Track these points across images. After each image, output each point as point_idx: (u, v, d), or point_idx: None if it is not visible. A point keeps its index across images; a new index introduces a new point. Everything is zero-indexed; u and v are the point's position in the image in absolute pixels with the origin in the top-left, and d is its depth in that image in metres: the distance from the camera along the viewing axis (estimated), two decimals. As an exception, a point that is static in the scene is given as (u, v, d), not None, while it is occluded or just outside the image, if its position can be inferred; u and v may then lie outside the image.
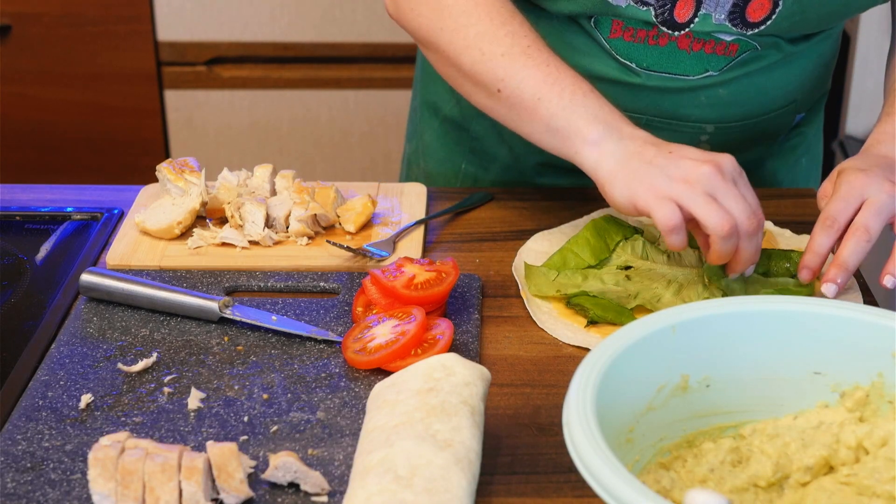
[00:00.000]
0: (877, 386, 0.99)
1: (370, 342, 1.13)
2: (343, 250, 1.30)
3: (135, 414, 1.07)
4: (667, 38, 1.35)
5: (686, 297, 1.23)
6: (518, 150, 1.52)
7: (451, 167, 1.58)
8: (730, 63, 1.37)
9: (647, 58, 1.38)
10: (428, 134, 1.60)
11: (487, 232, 1.39)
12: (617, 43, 1.37)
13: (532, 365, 1.15)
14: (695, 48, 1.36)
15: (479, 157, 1.56)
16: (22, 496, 0.97)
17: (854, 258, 1.18)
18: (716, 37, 1.35)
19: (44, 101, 2.75)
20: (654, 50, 1.37)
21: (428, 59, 1.36)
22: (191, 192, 1.35)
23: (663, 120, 1.42)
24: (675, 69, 1.38)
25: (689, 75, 1.38)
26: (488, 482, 0.99)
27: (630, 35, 1.36)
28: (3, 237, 1.38)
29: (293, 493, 0.97)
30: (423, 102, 1.61)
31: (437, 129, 1.59)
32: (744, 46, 1.37)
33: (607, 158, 1.19)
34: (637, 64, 1.38)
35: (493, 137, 1.54)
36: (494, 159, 1.55)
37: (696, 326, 0.99)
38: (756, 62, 1.39)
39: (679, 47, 1.36)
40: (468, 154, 1.56)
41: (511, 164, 1.54)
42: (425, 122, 1.61)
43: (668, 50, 1.37)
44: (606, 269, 1.27)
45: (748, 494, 0.94)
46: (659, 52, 1.37)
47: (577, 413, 0.87)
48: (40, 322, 1.21)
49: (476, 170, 1.57)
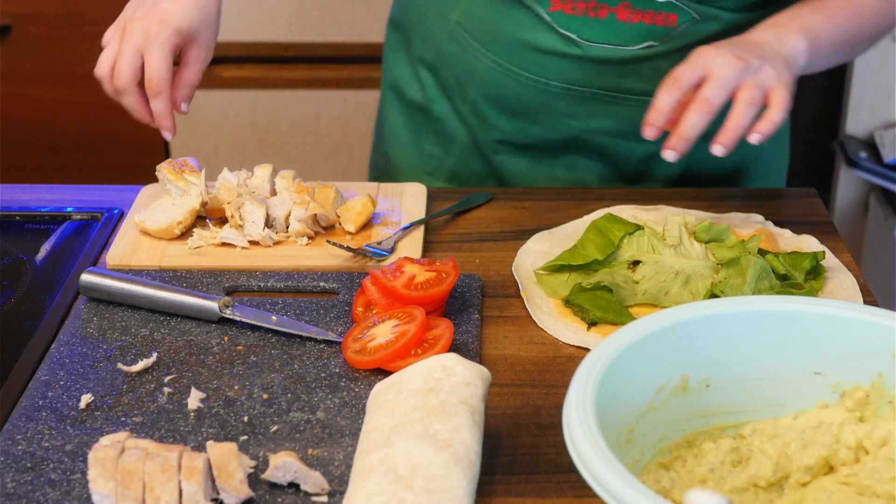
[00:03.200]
0: (877, 386, 0.99)
1: (370, 342, 1.13)
2: (343, 250, 1.30)
3: (135, 414, 1.07)
4: (606, 9, 1.39)
5: (693, 289, 1.23)
6: (476, 129, 1.55)
7: (415, 150, 1.60)
8: (670, 33, 1.40)
9: (587, 30, 1.41)
10: (393, 118, 1.63)
11: (487, 232, 1.39)
12: (558, 16, 1.41)
13: (532, 365, 1.15)
14: (634, 19, 1.40)
15: (441, 139, 1.59)
16: (22, 496, 0.97)
17: (694, 129, 1.23)
18: (653, 2, 1.38)
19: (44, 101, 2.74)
20: (595, 22, 1.40)
21: None
22: (191, 192, 1.35)
23: (608, 93, 1.45)
24: (616, 40, 1.41)
25: (630, 46, 1.41)
26: (488, 482, 0.99)
27: (570, 7, 1.40)
28: (3, 237, 1.38)
29: (293, 493, 0.97)
30: (389, 87, 1.63)
31: (402, 112, 1.62)
32: (682, 17, 1.39)
33: None
34: (578, 36, 1.42)
35: (453, 118, 1.57)
36: (455, 140, 1.58)
37: (696, 326, 0.99)
38: (696, 33, 1.41)
39: (619, 18, 1.40)
40: (431, 136, 1.59)
41: (470, 145, 1.57)
42: (391, 107, 1.63)
43: (608, 21, 1.40)
44: (615, 265, 1.27)
45: (748, 494, 0.94)
46: (599, 24, 1.40)
47: (577, 413, 0.87)
48: (40, 322, 1.21)
49: (439, 151, 1.59)
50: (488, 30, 1.47)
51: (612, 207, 1.40)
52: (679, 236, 1.28)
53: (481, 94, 1.51)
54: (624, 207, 1.40)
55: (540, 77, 1.46)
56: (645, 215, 1.38)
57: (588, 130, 1.49)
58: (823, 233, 1.37)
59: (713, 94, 1.22)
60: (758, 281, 1.22)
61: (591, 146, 1.51)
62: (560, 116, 1.48)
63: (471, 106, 1.53)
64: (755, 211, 1.42)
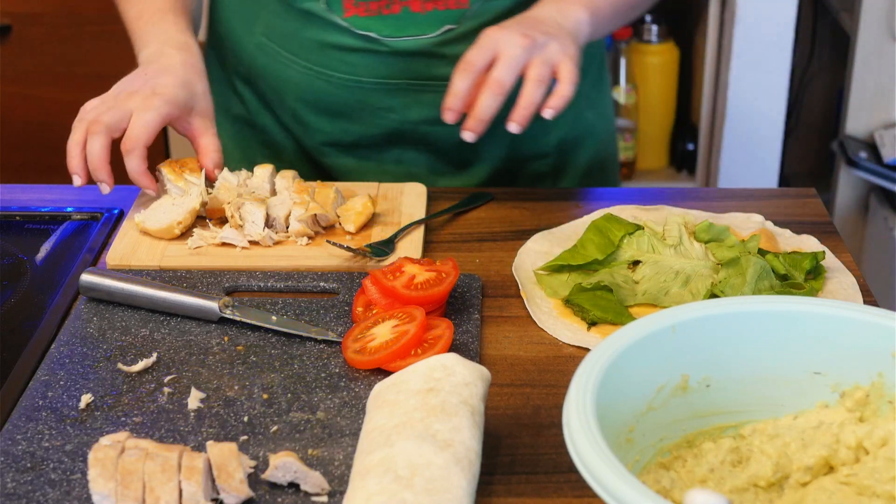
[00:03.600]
0: (877, 386, 0.99)
1: (370, 342, 1.13)
2: (343, 250, 1.30)
3: (135, 414, 1.07)
4: (398, 4, 1.42)
5: (693, 288, 1.23)
6: (299, 135, 1.58)
7: (248, 163, 1.60)
8: (465, 14, 1.44)
9: (385, 27, 1.44)
10: (222, 135, 1.63)
11: (487, 232, 1.39)
12: (354, 20, 1.44)
13: (532, 365, 1.15)
14: (427, 7, 1.43)
15: (270, 150, 1.61)
16: (22, 496, 0.97)
17: (488, 110, 1.27)
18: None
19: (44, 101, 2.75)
20: (391, 18, 1.44)
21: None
22: (191, 193, 1.35)
23: (419, 82, 1.48)
24: (415, 31, 1.45)
25: (430, 34, 1.45)
26: (488, 482, 0.99)
27: (364, 10, 1.43)
28: (3, 237, 1.38)
29: (293, 493, 0.97)
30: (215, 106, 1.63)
31: (229, 129, 1.63)
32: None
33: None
34: (378, 34, 1.45)
35: (276, 128, 1.59)
36: (283, 148, 1.60)
37: (696, 326, 0.99)
38: (490, 11, 1.45)
39: (412, 10, 1.43)
40: (260, 148, 1.61)
41: (298, 151, 1.60)
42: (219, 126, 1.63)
43: (404, 15, 1.43)
44: (615, 265, 1.27)
45: (748, 494, 0.94)
46: (395, 19, 1.44)
47: (577, 413, 0.87)
48: (40, 322, 1.21)
49: (270, 161, 1.58)
50: (293, 39, 1.50)
51: (612, 207, 1.40)
52: (679, 236, 1.29)
53: (299, 100, 1.54)
54: (624, 207, 1.40)
55: (351, 76, 1.49)
56: (645, 215, 1.38)
57: (407, 122, 1.52)
58: (823, 233, 1.37)
59: (503, 75, 1.26)
60: (758, 281, 1.22)
61: (413, 137, 1.53)
62: (378, 112, 1.51)
63: (291, 113, 1.56)
64: (755, 211, 1.42)
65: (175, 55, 1.39)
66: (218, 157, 1.39)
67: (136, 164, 1.33)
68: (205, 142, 1.39)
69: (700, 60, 2.93)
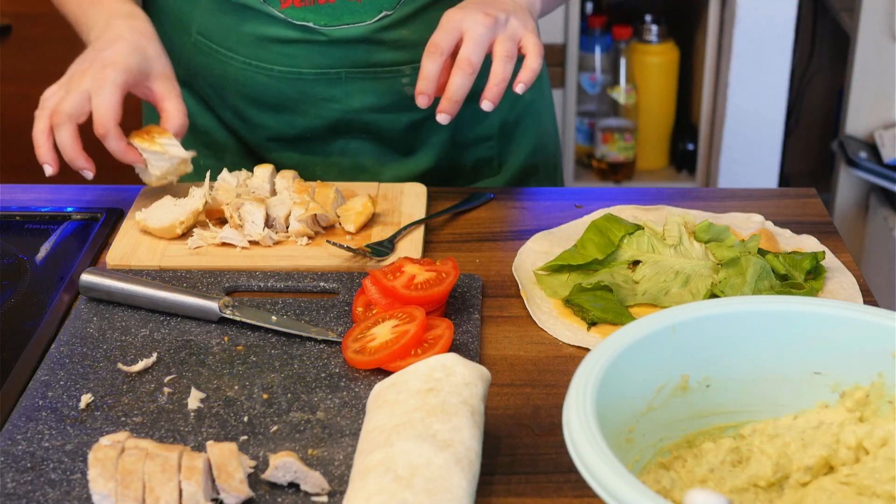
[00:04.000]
0: (877, 386, 0.99)
1: (370, 342, 1.13)
2: (343, 250, 1.30)
3: (135, 414, 1.07)
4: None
5: (693, 288, 1.23)
6: (242, 132, 1.57)
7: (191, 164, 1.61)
8: (398, 2, 1.45)
9: (322, 17, 1.44)
10: None
11: (487, 232, 1.39)
12: (290, 11, 1.45)
13: (532, 365, 1.15)
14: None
15: (212, 150, 1.60)
16: (22, 496, 0.97)
17: (460, 90, 1.29)
18: None
19: (44, 101, 2.74)
20: (326, 7, 1.44)
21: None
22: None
23: (359, 70, 1.48)
24: (352, 19, 1.45)
25: (367, 21, 1.45)
26: (488, 482, 0.99)
27: (300, 1, 1.43)
28: (3, 237, 1.38)
29: (293, 493, 0.97)
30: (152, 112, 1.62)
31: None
32: None
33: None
34: (315, 24, 1.45)
35: (217, 128, 1.59)
36: (225, 148, 1.60)
37: (696, 326, 0.99)
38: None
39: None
40: (202, 149, 1.60)
41: (241, 149, 1.59)
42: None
43: (339, 4, 1.44)
44: (615, 265, 1.27)
45: (748, 494, 0.94)
46: (331, 8, 1.44)
47: (577, 413, 0.87)
48: (40, 322, 1.21)
49: (213, 162, 1.60)
50: (230, 34, 1.49)
51: (612, 207, 1.40)
52: (679, 236, 1.29)
53: (240, 97, 1.53)
54: (624, 207, 1.40)
55: (291, 68, 1.49)
56: (645, 215, 1.38)
57: (350, 111, 1.52)
58: (823, 233, 1.38)
59: (472, 54, 1.28)
60: (758, 281, 1.22)
61: (357, 126, 1.54)
62: (320, 102, 1.51)
63: (232, 111, 1.55)
64: (755, 211, 1.42)
65: (121, 24, 1.38)
66: (182, 121, 1.36)
67: (114, 144, 1.32)
68: (168, 105, 1.36)
69: (700, 60, 2.93)
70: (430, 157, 1.57)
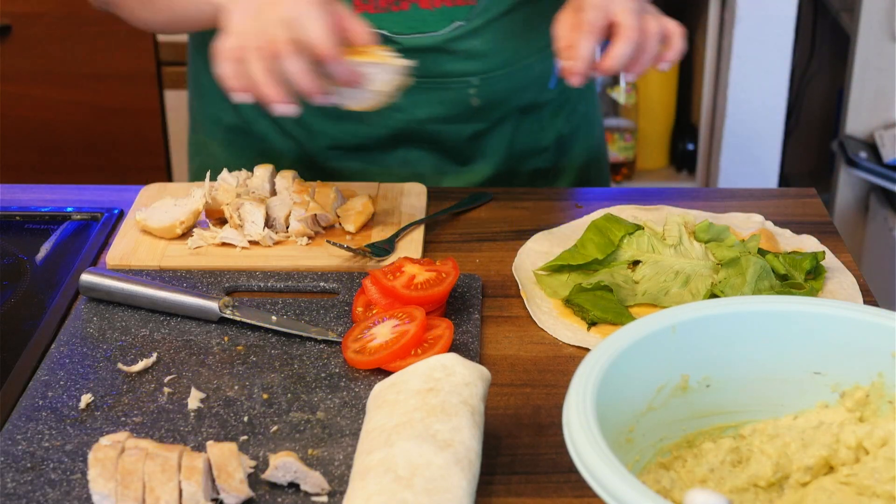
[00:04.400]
0: (877, 386, 0.99)
1: (370, 342, 1.13)
2: (343, 250, 1.30)
3: (135, 414, 1.07)
4: (407, 1, 1.42)
5: (693, 289, 1.23)
6: (303, 140, 1.55)
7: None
8: (473, 10, 1.43)
9: (395, 24, 1.43)
10: (214, 146, 1.62)
11: (487, 232, 1.39)
12: (363, 17, 1.39)
13: (532, 365, 1.15)
14: (436, 4, 1.42)
15: (267, 158, 1.58)
16: (22, 496, 0.97)
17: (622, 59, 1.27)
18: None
19: (44, 101, 2.75)
20: (400, 15, 1.43)
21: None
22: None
23: (429, 80, 1.47)
24: (424, 28, 1.44)
25: (439, 31, 1.44)
26: (488, 482, 0.99)
27: (373, 7, 1.42)
28: (3, 237, 1.38)
29: (293, 493, 0.97)
30: (204, 118, 1.62)
31: (221, 139, 1.61)
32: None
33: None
34: (389, 31, 1.43)
35: (276, 135, 1.57)
36: (282, 155, 1.58)
37: (696, 326, 0.99)
38: (496, 7, 1.44)
39: (421, 7, 1.42)
40: (257, 157, 1.57)
41: (300, 155, 1.57)
42: (209, 136, 1.62)
43: (413, 12, 1.43)
44: (615, 265, 1.27)
45: (748, 494, 0.94)
46: (405, 16, 1.43)
47: (577, 413, 0.87)
48: (40, 322, 1.21)
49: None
50: None
51: (612, 207, 1.40)
52: (679, 236, 1.29)
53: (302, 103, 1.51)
54: (624, 207, 1.40)
55: None
56: (645, 215, 1.38)
57: (414, 120, 1.51)
58: (823, 233, 1.37)
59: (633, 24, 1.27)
60: (758, 281, 1.22)
61: (420, 136, 1.53)
62: (385, 111, 1.47)
63: (295, 119, 1.52)
64: (755, 211, 1.42)
65: None
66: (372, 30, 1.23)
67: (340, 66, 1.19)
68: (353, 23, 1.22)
69: (700, 60, 2.93)
70: (488, 167, 1.57)
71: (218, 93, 1.58)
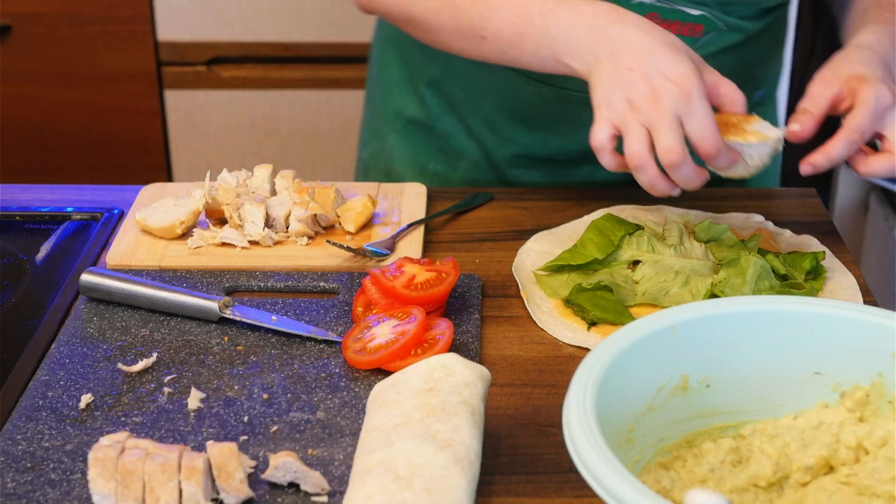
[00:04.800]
0: (877, 386, 0.99)
1: (370, 342, 1.13)
2: (343, 250, 1.30)
3: (135, 414, 1.07)
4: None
5: (693, 288, 1.23)
6: (489, 144, 1.52)
7: (418, 168, 1.57)
8: (695, 45, 1.36)
9: None
10: (392, 137, 1.59)
11: (487, 232, 1.39)
12: None
13: (532, 365, 1.15)
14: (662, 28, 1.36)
15: (446, 156, 1.56)
16: (22, 496, 0.97)
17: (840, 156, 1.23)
18: (681, 11, 1.35)
19: (44, 101, 2.75)
20: None
21: (412, 35, 1.37)
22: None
23: None
24: None
25: None
26: (488, 482, 0.99)
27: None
28: (3, 237, 1.38)
29: (293, 493, 0.97)
30: (385, 108, 1.60)
31: (400, 130, 1.58)
32: (708, 27, 1.37)
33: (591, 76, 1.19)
34: None
35: (460, 134, 1.53)
36: (462, 156, 1.55)
37: (696, 326, 0.99)
38: (718, 42, 1.39)
39: None
40: (435, 153, 1.56)
41: (481, 160, 1.54)
42: (388, 126, 1.60)
43: None
44: (615, 265, 1.27)
45: (748, 494, 0.94)
46: None
47: (577, 413, 0.87)
48: (40, 322, 1.21)
49: (444, 168, 1.56)
50: None
51: (612, 207, 1.40)
52: (679, 236, 1.29)
53: (497, 107, 1.48)
54: (624, 207, 1.40)
55: (562, 87, 1.42)
56: (645, 215, 1.38)
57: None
58: (823, 233, 1.37)
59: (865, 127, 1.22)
60: (758, 281, 1.22)
61: None
62: (582, 127, 1.39)
63: (484, 120, 1.50)
64: (755, 211, 1.42)
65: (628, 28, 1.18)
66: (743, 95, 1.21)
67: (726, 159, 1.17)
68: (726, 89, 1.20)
69: (700, 60, 2.93)
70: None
71: (406, 86, 1.55)
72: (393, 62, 1.57)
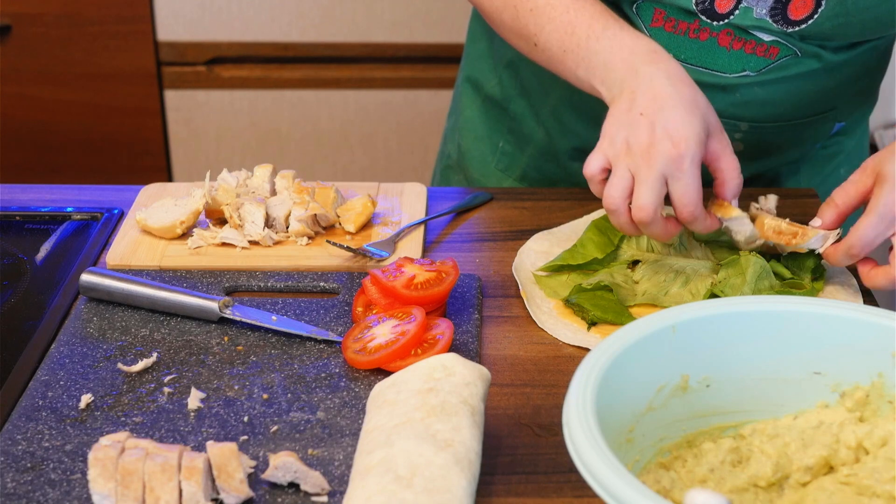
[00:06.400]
0: (877, 386, 0.99)
1: (370, 342, 1.13)
2: (343, 250, 1.30)
3: (135, 414, 1.07)
4: (707, 32, 1.34)
5: (693, 288, 1.23)
6: (553, 133, 1.53)
7: (489, 145, 1.59)
8: (768, 66, 1.36)
9: (685, 50, 1.36)
10: (469, 110, 1.62)
11: (487, 232, 1.39)
12: (657, 33, 1.36)
13: (532, 365, 1.15)
14: (735, 46, 1.35)
15: (515, 137, 1.57)
16: (22, 496, 0.97)
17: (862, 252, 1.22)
18: (755, 36, 1.34)
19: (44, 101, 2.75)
20: (694, 44, 1.36)
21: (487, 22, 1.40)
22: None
23: None
24: (713, 65, 1.37)
25: (727, 73, 1.37)
26: (488, 482, 0.99)
27: (671, 26, 1.36)
28: (3, 237, 1.38)
29: (293, 493, 0.97)
30: (467, 79, 1.62)
31: (478, 106, 1.60)
32: (784, 51, 1.35)
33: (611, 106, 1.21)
34: (675, 55, 1.32)
35: (530, 119, 1.55)
36: (530, 140, 1.56)
37: (696, 326, 0.99)
38: (794, 67, 1.37)
39: (719, 44, 1.35)
40: (506, 133, 1.57)
41: (545, 147, 1.55)
42: (467, 98, 1.62)
43: (708, 45, 1.35)
44: (615, 265, 1.27)
45: (748, 494, 0.94)
46: (698, 47, 1.36)
47: (577, 413, 0.87)
48: (40, 322, 1.21)
49: (513, 149, 1.58)
50: None
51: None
52: (679, 236, 1.28)
53: (563, 99, 1.48)
54: (624, 207, 1.40)
55: None
56: (645, 215, 1.38)
57: None
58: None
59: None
60: (758, 281, 1.22)
61: None
62: None
63: (551, 109, 1.51)
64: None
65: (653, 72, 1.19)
66: (741, 181, 1.21)
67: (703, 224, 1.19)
68: (724, 165, 1.20)
69: (700, 60, 2.93)
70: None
71: (488, 62, 1.56)
72: (482, 38, 1.59)
